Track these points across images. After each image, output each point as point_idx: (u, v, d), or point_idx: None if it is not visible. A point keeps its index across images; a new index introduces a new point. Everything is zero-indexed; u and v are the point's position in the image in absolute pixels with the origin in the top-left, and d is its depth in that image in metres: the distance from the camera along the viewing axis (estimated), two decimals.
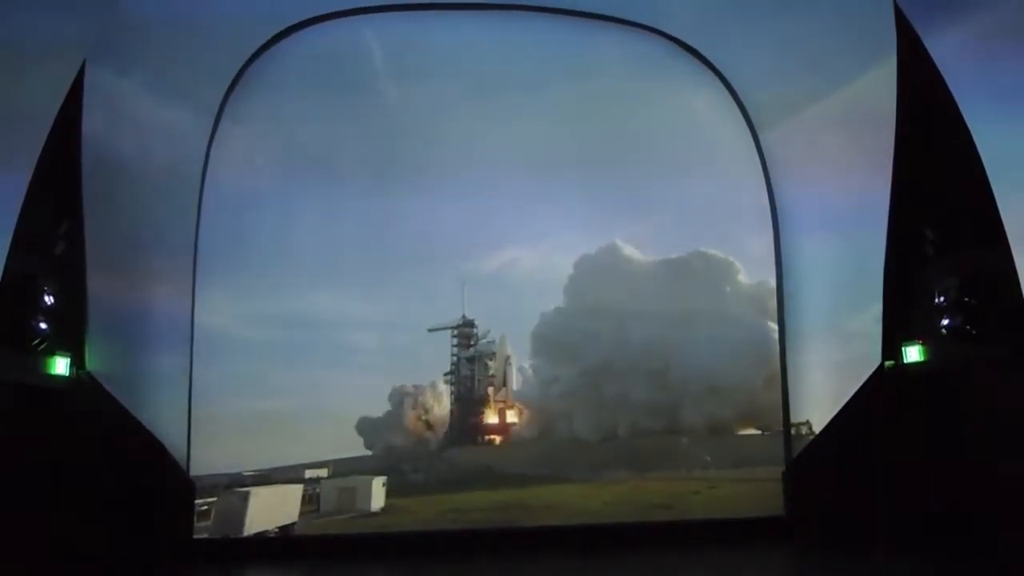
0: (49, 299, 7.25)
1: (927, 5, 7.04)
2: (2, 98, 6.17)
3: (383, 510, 8.78)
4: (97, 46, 7.05)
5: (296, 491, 8.77)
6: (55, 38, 6.55)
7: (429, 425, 9.48)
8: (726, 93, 9.15)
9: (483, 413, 9.66)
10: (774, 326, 9.20)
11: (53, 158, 6.64)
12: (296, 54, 8.70)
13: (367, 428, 9.09)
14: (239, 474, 8.61)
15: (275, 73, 8.66)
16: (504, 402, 9.75)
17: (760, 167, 9.17)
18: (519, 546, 8.43)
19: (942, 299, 7.58)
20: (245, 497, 8.46)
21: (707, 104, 9.27)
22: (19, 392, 6.87)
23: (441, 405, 9.60)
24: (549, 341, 9.38)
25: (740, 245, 9.49)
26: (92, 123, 7.19)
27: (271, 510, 8.55)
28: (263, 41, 8.56)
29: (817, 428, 8.66)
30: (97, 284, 7.43)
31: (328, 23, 8.73)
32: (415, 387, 9.44)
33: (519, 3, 8.83)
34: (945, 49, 6.91)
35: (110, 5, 7.05)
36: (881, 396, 7.98)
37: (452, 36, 8.97)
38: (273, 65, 8.65)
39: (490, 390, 9.73)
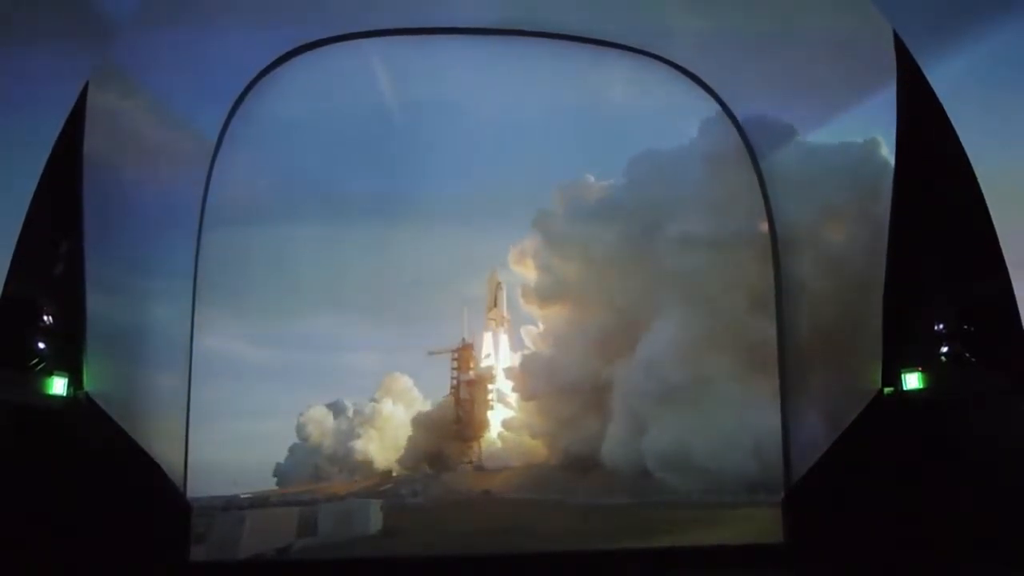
0: (48, 319, 7.21)
1: (927, 34, 7.07)
2: (4, 119, 6.18)
3: (380, 533, 8.74)
4: (100, 68, 7.06)
5: (293, 513, 8.74)
6: (57, 60, 6.57)
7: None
8: (727, 120, 9.18)
9: (482, 437, 9.66)
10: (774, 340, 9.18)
11: (54, 178, 6.64)
12: (299, 78, 8.67)
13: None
14: (236, 496, 8.59)
15: (278, 96, 8.66)
16: (496, 320, 9.77)
17: (760, 194, 9.19)
18: (519, 571, 8.35)
19: (941, 327, 7.57)
20: (242, 519, 8.44)
21: (708, 131, 9.30)
22: (17, 412, 6.84)
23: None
24: (549, 366, 9.39)
25: (739, 270, 9.47)
26: (94, 144, 7.18)
27: (268, 532, 8.52)
28: (266, 64, 8.56)
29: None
30: (96, 304, 7.38)
31: (332, 47, 8.67)
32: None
33: (523, 29, 8.81)
34: (945, 78, 6.93)
35: (113, 28, 7.07)
36: (879, 423, 7.95)
37: (456, 60, 9.00)
38: (276, 88, 8.64)
39: (489, 414, 9.73)
